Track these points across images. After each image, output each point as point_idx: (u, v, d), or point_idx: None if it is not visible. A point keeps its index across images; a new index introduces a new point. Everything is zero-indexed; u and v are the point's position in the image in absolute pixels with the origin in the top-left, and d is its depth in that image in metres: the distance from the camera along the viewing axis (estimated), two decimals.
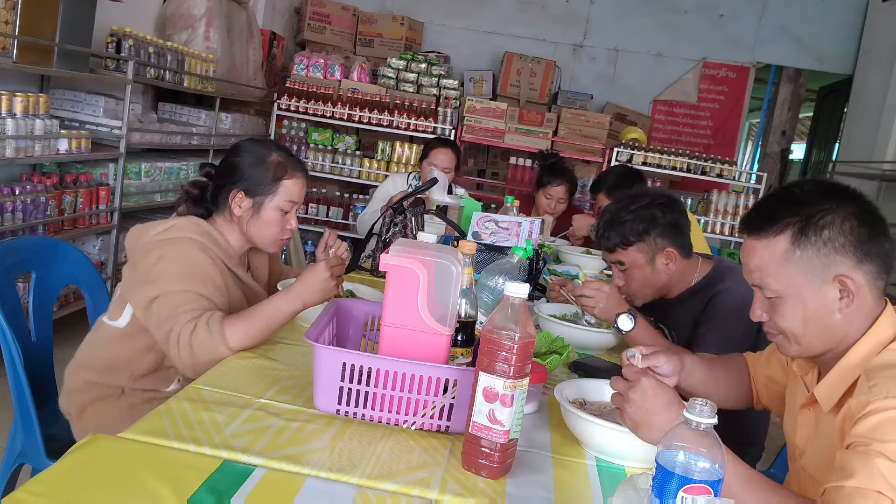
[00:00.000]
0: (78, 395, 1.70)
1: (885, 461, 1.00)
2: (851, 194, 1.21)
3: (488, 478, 1.14)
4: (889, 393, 1.06)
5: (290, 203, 1.76)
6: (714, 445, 0.89)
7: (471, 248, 1.45)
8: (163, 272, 1.59)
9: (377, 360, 1.27)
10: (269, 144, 1.81)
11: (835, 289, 1.17)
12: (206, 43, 4.68)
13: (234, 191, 1.73)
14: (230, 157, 1.78)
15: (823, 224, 1.17)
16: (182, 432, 1.14)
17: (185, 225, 1.68)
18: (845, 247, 1.16)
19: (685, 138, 6.71)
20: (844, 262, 1.16)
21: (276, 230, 1.77)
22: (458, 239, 2.37)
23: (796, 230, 1.19)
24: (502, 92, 6.25)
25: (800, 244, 1.18)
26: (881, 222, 1.19)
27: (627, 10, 6.57)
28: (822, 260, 1.17)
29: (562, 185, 3.80)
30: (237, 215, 1.75)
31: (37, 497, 0.93)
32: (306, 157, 5.51)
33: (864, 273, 1.17)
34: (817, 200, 1.20)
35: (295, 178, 1.77)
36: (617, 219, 1.97)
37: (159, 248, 1.62)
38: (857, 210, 1.18)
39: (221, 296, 1.65)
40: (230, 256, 1.73)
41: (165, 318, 1.56)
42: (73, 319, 3.21)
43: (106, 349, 1.70)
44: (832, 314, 1.18)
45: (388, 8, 6.66)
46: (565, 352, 1.68)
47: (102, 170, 3.83)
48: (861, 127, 6.08)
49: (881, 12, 6.09)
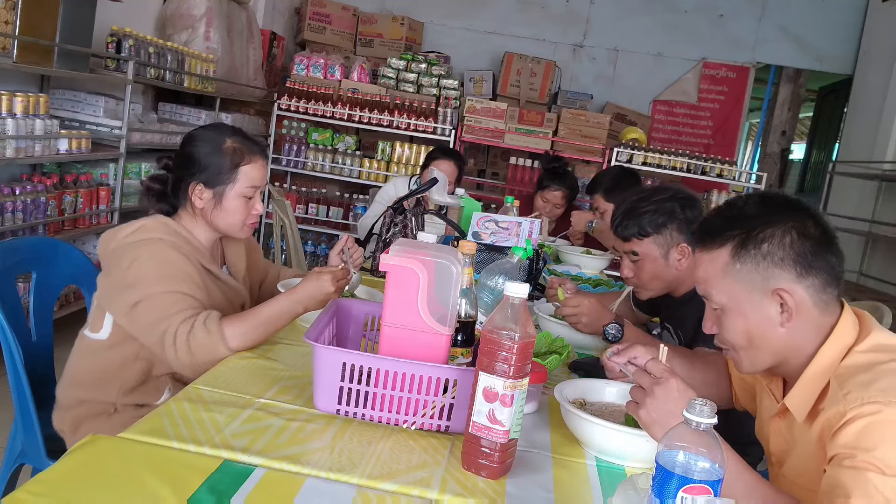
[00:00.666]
0: (70, 411, 1.67)
1: (876, 474, 1.00)
2: (796, 207, 1.21)
3: (488, 478, 1.14)
4: (864, 399, 1.06)
5: (252, 188, 1.71)
6: (714, 445, 0.89)
7: (471, 248, 1.45)
8: (140, 275, 1.56)
9: (377, 360, 1.27)
10: (224, 129, 1.74)
11: (775, 303, 1.18)
12: (206, 43, 4.68)
13: (192, 183, 1.68)
14: (184, 148, 1.72)
15: (763, 238, 1.18)
16: (182, 432, 1.14)
17: (154, 225, 1.65)
18: (784, 260, 1.17)
19: (685, 138, 6.71)
20: (784, 276, 1.17)
21: (240, 217, 1.72)
22: (458, 239, 2.37)
23: (737, 243, 1.20)
24: (502, 92, 6.25)
25: (740, 257, 1.19)
26: (826, 236, 1.18)
27: (627, 10, 6.57)
28: (761, 273, 1.18)
29: (559, 191, 3.81)
30: (199, 207, 1.70)
31: (37, 497, 0.93)
32: (306, 158, 5.51)
33: (806, 287, 1.17)
34: (760, 214, 1.21)
35: (254, 161, 1.72)
36: (636, 209, 1.95)
37: (130, 252, 1.59)
38: (799, 224, 1.18)
39: (202, 292, 1.62)
40: (202, 254, 1.69)
41: (156, 320, 1.53)
42: (74, 319, 3.21)
43: (93, 361, 1.67)
44: (775, 328, 1.18)
45: (388, 8, 6.66)
46: (565, 352, 1.68)
47: (103, 170, 3.83)
48: (861, 127, 6.07)
49: (881, 12, 6.09)
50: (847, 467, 1.03)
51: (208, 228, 1.73)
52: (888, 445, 1.01)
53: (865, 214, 5.66)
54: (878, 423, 1.03)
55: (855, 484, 1.00)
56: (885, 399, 1.04)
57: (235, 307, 1.79)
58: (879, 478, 0.99)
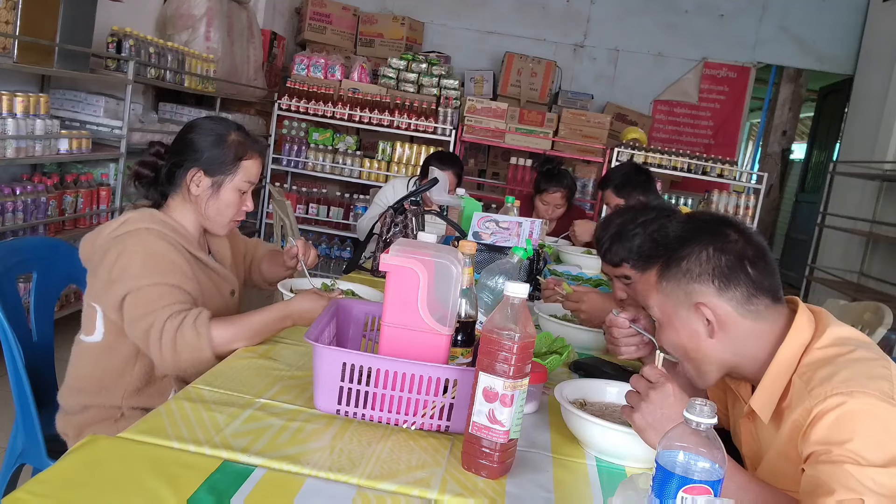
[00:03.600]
0: (75, 417, 1.67)
1: (853, 466, 1.01)
2: (722, 223, 1.26)
3: (488, 478, 1.14)
4: (827, 392, 1.08)
5: (248, 183, 1.73)
6: (714, 445, 0.89)
7: (471, 248, 1.45)
8: (126, 268, 1.54)
9: (377, 360, 1.27)
10: (228, 123, 1.76)
11: (700, 317, 1.22)
12: (206, 43, 4.69)
13: (192, 169, 1.68)
14: (186, 134, 1.72)
15: (682, 256, 1.24)
16: (182, 432, 1.14)
17: (139, 216, 1.63)
18: (702, 276, 1.22)
19: (686, 138, 6.71)
20: (703, 290, 1.22)
21: (232, 211, 1.73)
22: (458, 239, 2.37)
23: (662, 264, 1.28)
24: (503, 92, 6.25)
25: (665, 276, 1.27)
26: (751, 249, 1.22)
27: (628, 10, 6.57)
28: (683, 289, 1.24)
29: (558, 192, 3.80)
30: (195, 194, 1.69)
31: (37, 497, 0.93)
32: (307, 158, 5.51)
33: (728, 299, 1.21)
34: (683, 234, 1.27)
35: (254, 158, 1.73)
36: (624, 233, 1.93)
37: (116, 246, 1.57)
38: (718, 240, 1.22)
39: (190, 282, 1.61)
40: (189, 241, 1.68)
41: (141, 315, 1.52)
42: (74, 319, 3.19)
43: (93, 366, 1.66)
44: (704, 339, 1.23)
45: (388, 8, 6.66)
46: (565, 352, 1.68)
47: (103, 170, 3.83)
48: (862, 127, 6.07)
49: (882, 12, 6.09)
50: (824, 462, 1.04)
51: (196, 218, 1.73)
52: (861, 436, 1.03)
53: (866, 214, 5.66)
54: (846, 415, 1.05)
55: (835, 479, 1.01)
56: (846, 389, 1.06)
57: (225, 294, 1.79)
58: (857, 469, 1.01)
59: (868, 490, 0.99)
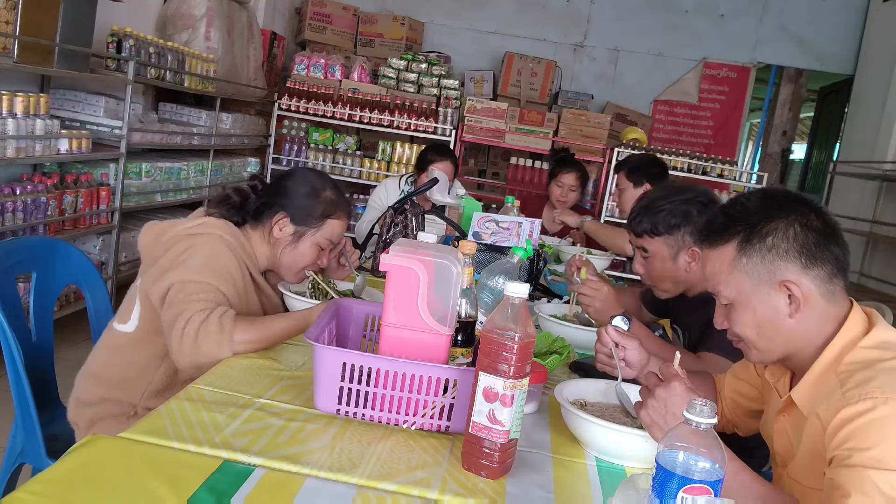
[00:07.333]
0: (89, 408, 1.67)
1: (875, 471, 1.00)
2: (799, 201, 1.24)
3: (488, 478, 1.14)
4: (860, 396, 1.07)
5: (328, 241, 1.78)
6: (714, 445, 0.88)
7: (471, 248, 1.45)
8: (186, 261, 1.58)
9: (377, 360, 1.27)
10: (326, 179, 1.82)
11: (783, 294, 1.20)
12: (206, 43, 4.68)
13: (281, 213, 1.74)
14: (286, 181, 1.79)
15: (767, 231, 1.20)
16: (182, 432, 1.14)
17: (217, 223, 1.67)
18: (789, 252, 1.19)
19: (686, 138, 6.71)
20: (789, 268, 1.19)
21: (306, 264, 1.78)
22: (458, 239, 2.37)
23: (742, 238, 1.23)
24: (503, 92, 6.25)
25: (745, 252, 1.22)
26: (829, 227, 1.21)
27: (628, 10, 6.57)
28: (766, 266, 1.20)
29: (572, 173, 3.89)
30: (276, 237, 1.74)
31: (37, 497, 0.93)
32: (307, 158, 5.51)
33: (812, 278, 1.19)
34: (763, 209, 1.24)
35: (341, 219, 1.79)
36: (653, 206, 1.94)
37: (186, 241, 1.62)
38: (802, 217, 1.20)
39: (238, 296, 1.64)
40: (253, 264, 1.73)
41: (178, 301, 1.54)
42: (74, 319, 3.21)
43: (118, 356, 1.67)
44: (784, 319, 1.21)
45: (388, 8, 6.66)
46: (565, 352, 1.68)
47: (103, 170, 3.83)
48: (862, 127, 6.07)
49: (882, 12, 6.09)
50: (844, 466, 1.03)
51: (269, 257, 1.77)
52: (886, 442, 1.02)
53: (866, 215, 5.66)
54: (874, 421, 1.04)
55: (852, 483, 1.01)
56: (881, 395, 1.05)
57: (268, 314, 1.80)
58: (876, 473, 1.00)
59: (883, 494, 0.98)
